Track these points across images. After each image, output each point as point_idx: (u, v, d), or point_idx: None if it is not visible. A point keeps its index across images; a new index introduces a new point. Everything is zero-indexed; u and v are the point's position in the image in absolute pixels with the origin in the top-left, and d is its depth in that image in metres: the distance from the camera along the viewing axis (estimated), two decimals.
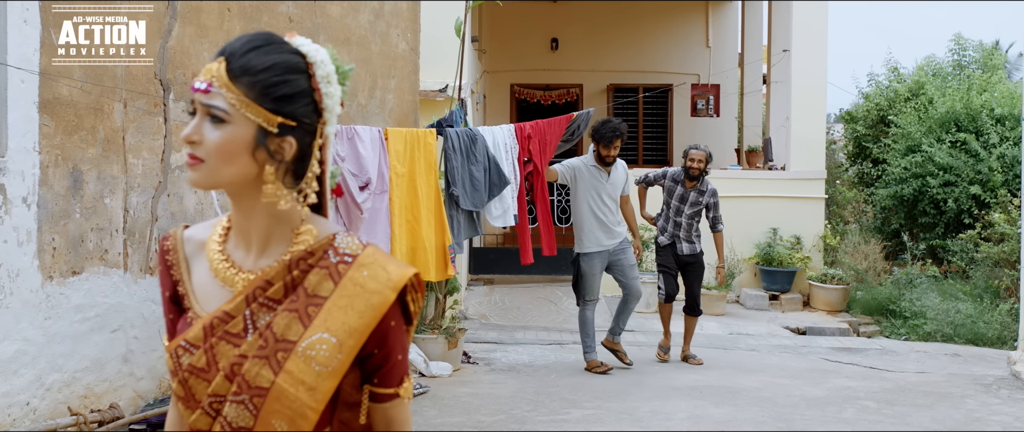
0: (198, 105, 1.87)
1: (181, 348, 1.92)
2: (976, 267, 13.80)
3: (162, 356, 6.74)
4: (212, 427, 1.89)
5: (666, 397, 8.40)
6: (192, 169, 1.87)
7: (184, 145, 1.88)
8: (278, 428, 1.87)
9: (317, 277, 1.92)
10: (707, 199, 9.78)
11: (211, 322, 1.91)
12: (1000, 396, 8.67)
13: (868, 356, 10.89)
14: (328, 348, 1.87)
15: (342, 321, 1.89)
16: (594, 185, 9.19)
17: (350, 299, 1.90)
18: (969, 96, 16.43)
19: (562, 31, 20.10)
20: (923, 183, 15.69)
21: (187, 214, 7.00)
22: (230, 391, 1.87)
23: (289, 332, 1.88)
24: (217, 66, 1.87)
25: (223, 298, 1.95)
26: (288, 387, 1.86)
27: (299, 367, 1.87)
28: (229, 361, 1.88)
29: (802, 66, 15.04)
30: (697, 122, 20.02)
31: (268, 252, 1.97)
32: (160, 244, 2.09)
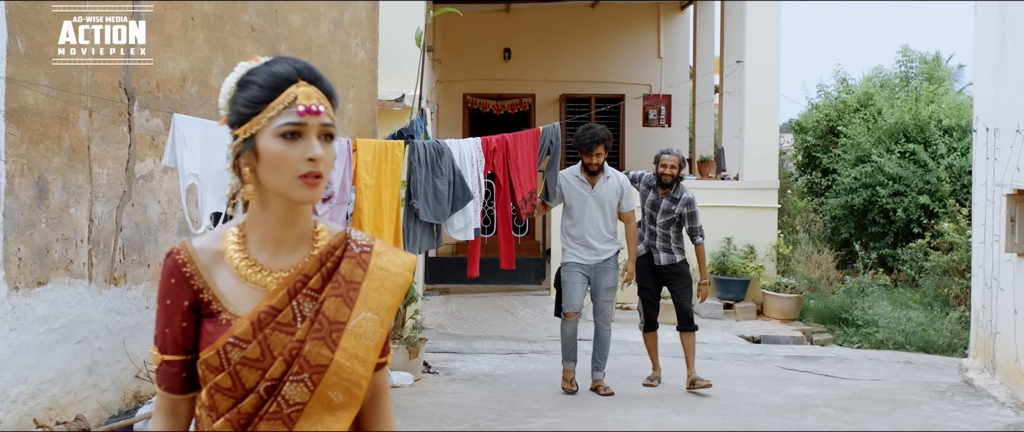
0: (313, 125, 2.13)
1: (230, 344, 2.13)
2: (926, 276, 14.00)
3: (126, 367, 6.69)
4: (261, 407, 2.15)
5: (628, 406, 8.45)
6: (314, 187, 2.13)
7: (305, 164, 2.10)
8: (334, 398, 2.18)
9: (348, 266, 2.24)
10: (681, 209, 9.01)
11: (258, 317, 2.15)
12: (955, 403, 8.81)
13: (823, 364, 11.01)
14: (372, 324, 2.21)
15: (379, 301, 2.24)
16: (576, 197, 8.73)
17: (381, 282, 2.25)
18: (917, 107, 16.68)
19: (515, 41, 20.13)
20: (873, 193, 15.89)
21: (151, 224, 6.95)
22: (288, 373, 2.14)
23: (339, 315, 2.19)
24: (315, 90, 2.16)
25: (255, 297, 2.19)
26: (345, 361, 2.17)
27: (352, 343, 2.19)
28: (285, 347, 2.14)
29: (755, 77, 15.19)
30: (649, 132, 20.11)
31: (295, 251, 2.24)
32: (171, 258, 2.22)
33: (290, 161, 2.11)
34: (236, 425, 2.16)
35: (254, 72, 2.19)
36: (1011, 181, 8.68)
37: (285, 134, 2.12)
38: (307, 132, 2.12)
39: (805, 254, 15.32)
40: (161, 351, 2.24)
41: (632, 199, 8.93)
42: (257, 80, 2.16)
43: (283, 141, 2.12)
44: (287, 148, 2.11)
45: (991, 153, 9.49)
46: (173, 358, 2.23)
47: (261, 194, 2.20)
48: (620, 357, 10.88)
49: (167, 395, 2.26)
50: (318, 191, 2.14)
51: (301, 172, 2.11)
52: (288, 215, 2.21)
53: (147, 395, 6.86)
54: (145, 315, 6.93)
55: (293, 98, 2.13)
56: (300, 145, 2.12)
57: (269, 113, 2.14)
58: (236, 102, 2.19)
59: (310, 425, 2.18)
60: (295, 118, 2.11)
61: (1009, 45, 9.23)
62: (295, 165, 2.11)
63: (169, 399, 2.26)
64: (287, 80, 2.15)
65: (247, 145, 2.16)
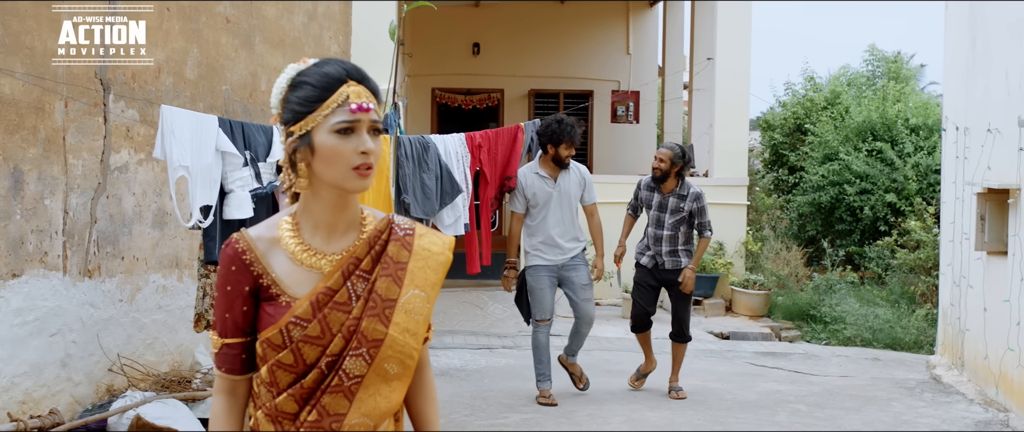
0: (364, 122, 2.34)
1: (292, 323, 2.34)
2: (892, 273, 14.11)
3: (100, 361, 6.64)
4: (322, 382, 2.36)
5: (602, 401, 8.46)
6: (366, 177, 2.34)
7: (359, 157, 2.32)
8: (390, 370, 2.40)
9: (395, 248, 2.45)
10: (690, 205, 8.55)
11: (317, 298, 2.36)
12: (924, 399, 8.89)
13: (792, 360, 11.08)
14: (420, 301, 2.44)
15: (424, 278, 2.46)
16: (541, 195, 8.25)
17: (425, 261, 2.47)
18: (884, 106, 16.79)
19: (484, 35, 20.09)
20: (840, 191, 15.98)
21: (126, 216, 6.89)
22: (347, 348, 2.36)
23: (390, 293, 2.40)
24: (364, 90, 2.37)
25: (311, 279, 2.40)
26: (397, 335, 2.39)
27: (403, 318, 2.41)
28: (343, 324, 2.36)
29: (726, 74, 15.23)
30: (617, 128, 20.15)
31: (345, 236, 2.45)
32: (230, 247, 2.41)
33: (345, 155, 2.32)
34: (299, 399, 2.37)
35: (305, 73, 2.38)
36: (982, 180, 8.76)
37: (340, 130, 2.33)
38: (359, 128, 2.34)
39: (774, 251, 15.38)
40: (222, 335, 2.43)
41: (595, 191, 8.58)
42: (310, 81, 2.35)
43: (338, 137, 2.33)
44: (342, 143, 2.32)
45: (961, 152, 9.57)
46: (233, 341, 2.43)
47: (315, 185, 2.40)
48: (591, 352, 10.88)
49: (227, 376, 2.46)
50: (369, 181, 2.36)
51: (355, 164, 2.33)
52: (340, 203, 2.41)
53: (120, 389, 6.81)
54: (119, 308, 6.88)
55: (346, 97, 2.34)
56: (353, 140, 2.33)
57: (324, 111, 2.33)
58: (289, 101, 2.38)
59: (368, 396, 2.40)
60: (349, 116, 2.33)
61: (980, 45, 9.31)
62: (349, 158, 2.33)
63: (229, 380, 2.46)
64: (338, 80, 2.35)
65: (303, 141, 2.35)
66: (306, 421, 2.37)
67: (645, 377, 9.00)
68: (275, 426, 2.40)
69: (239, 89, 8.35)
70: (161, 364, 7.37)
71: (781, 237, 16.76)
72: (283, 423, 2.39)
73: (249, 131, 6.54)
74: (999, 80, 8.64)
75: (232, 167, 6.35)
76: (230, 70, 8.19)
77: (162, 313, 7.43)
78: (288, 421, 2.39)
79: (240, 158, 6.38)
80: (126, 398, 6.45)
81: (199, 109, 7.56)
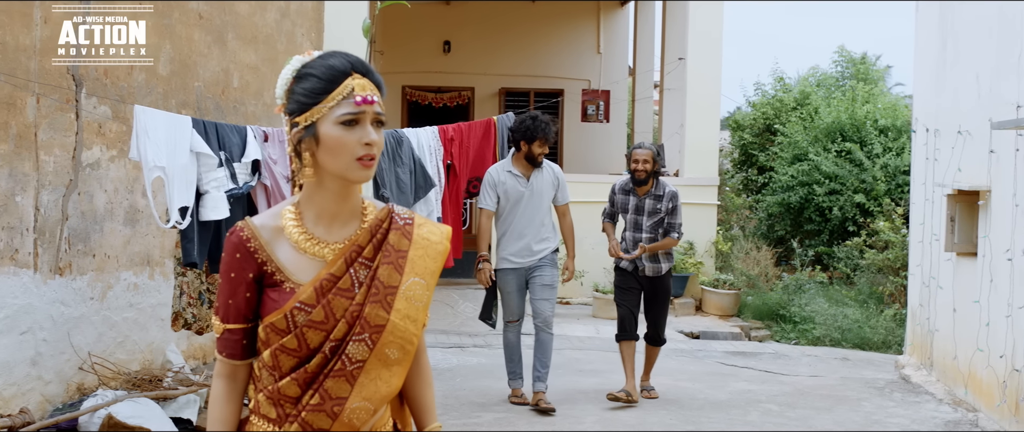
0: (369, 114, 2.40)
1: (297, 309, 2.40)
2: (861, 273, 14.20)
3: (70, 359, 6.57)
4: (326, 366, 2.42)
5: (574, 400, 8.45)
6: (369, 167, 2.40)
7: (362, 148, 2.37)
8: (391, 355, 2.47)
9: (396, 236, 2.53)
10: (666, 204, 8.31)
11: (321, 284, 2.42)
12: (894, 399, 8.94)
13: (762, 360, 11.12)
14: (420, 288, 2.51)
15: (424, 266, 2.53)
16: (512, 194, 8.01)
17: (424, 250, 2.55)
18: (853, 107, 16.90)
19: (454, 33, 20.07)
20: (809, 191, 16.08)
21: (97, 214, 6.83)
22: (350, 333, 2.42)
23: (391, 280, 2.47)
24: (368, 82, 2.42)
25: (314, 267, 2.46)
26: (399, 321, 2.46)
27: (404, 305, 2.47)
28: (346, 310, 2.42)
29: (698, 74, 15.27)
30: (587, 128, 20.18)
31: (347, 225, 2.51)
32: (235, 235, 2.46)
33: (349, 145, 2.38)
34: (302, 383, 2.43)
35: (311, 65, 2.43)
36: (952, 181, 8.82)
37: (345, 122, 2.38)
38: (363, 120, 2.40)
39: (744, 251, 15.45)
40: (223, 320, 2.49)
41: (568, 191, 8.34)
42: (315, 73, 2.41)
43: (343, 128, 2.38)
44: (346, 134, 2.38)
45: (931, 153, 9.63)
46: (235, 326, 2.49)
47: (319, 175, 2.45)
48: (562, 352, 10.88)
49: (228, 361, 2.51)
50: (372, 171, 2.42)
51: (358, 155, 2.39)
52: (343, 192, 2.48)
53: (91, 388, 6.74)
54: (90, 306, 6.81)
55: (351, 89, 2.39)
56: (357, 131, 2.39)
57: (329, 103, 2.39)
58: (295, 93, 2.43)
59: (369, 380, 2.46)
60: (354, 108, 2.38)
61: (950, 47, 9.37)
62: (353, 149, 2.38)
63: (230, 365, 2.52)
64: (343, 73, 2.40)
65: (308, 132, 2.41)
66: (309, 404, 2.43)
67: (628, 394, 8.24)
68: (277, 409, 2.46)
69: (211, 86, 8.30)
70: (132, 362, 7.31)
71: (750, 237, 16.84)
72: (284, 406, 2.45)
73: (223, 132, 6.49)
74: (969, 82, 8.70)
75: (207, 168, 6.30)
76: (203, 67, 8.14)
77: (133, 311, 7.36)
78: (289, 404, 2.45)
79: (215, 159, 6.33)
80: (97, 397, 6.39)
81: (171, 106, 7.51)
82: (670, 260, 8.53)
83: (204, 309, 7.02)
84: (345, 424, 2.46)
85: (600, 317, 13.58)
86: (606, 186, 13.71)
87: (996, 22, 8.16)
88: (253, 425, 2.51)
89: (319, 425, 2.44)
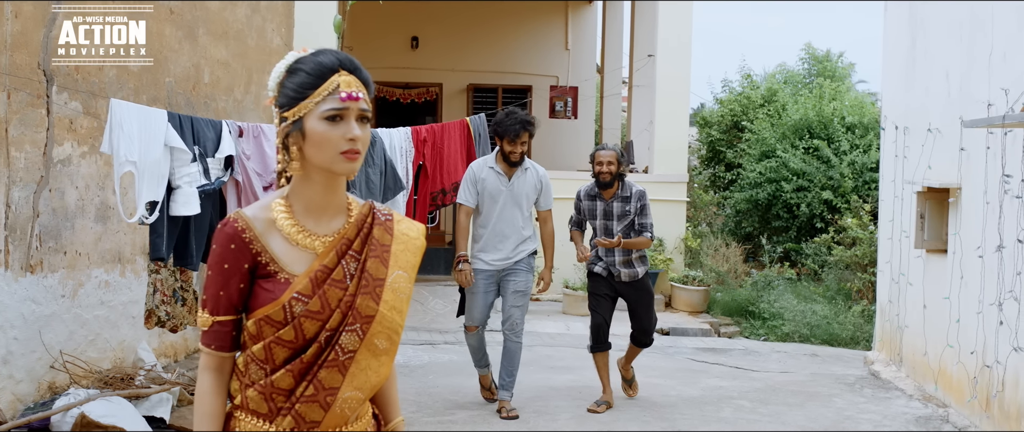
0: (353, 110, 2.46)
1: (294, 299, 2.46)
2: (829, 270, 14.28)
3: (41, 358, 6.50)
4: (321, 356, 2.49)
5: (548, 398, 8.45)
6: (353, 161, 2.46)
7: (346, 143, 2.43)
8: (379, 345, 2.55)
9: (379, 231, 2.62)
10: (635, 205, 7.95)
11: (316, 275, 2.49)
12: (865, 395, 9.00)
13: (732, 356, 11.15)
14: (404, 281, 2.61)
15: (406, 260, 2.64)
16: (491, 192, 7.70)
17: (404, 245, 2.65)
18: (821, 104, 17.00)
19: (422, 29, 20.01)
20: (777, 188, 16.15)
21: (68, 210, 6.76)
22: (344, 323, 2.50)
23: (378, 272, 2.56)
24: (355, 79, 2.50)
25: (305, 258, 2.52)
26: (387, 312, 2.55)
27: (391, 296, 2.56)
28: (339, 300, 2.50)
29: (667, 71, 15.29)
30: (555, 124, 20.19)
31: (335, 219, 2.59)
32: (230, 226, 2.49)
33: (333, 140, 2.44)
34: (297, 374, 2.49)
35: (302, 61, 2.49)
36: (922, 179, 8.88)
37: (330, 117, 2.45)
38: (348, 115, 2.46)
39: (713, 248, 15.50)
40: (213, 313, 2.51)
41: (551, 197, 8.04)
42: (305, 68, 2.48)
43: (328, 123, 2.45)
44: (331, 129, 2.44)
45: (900, 151, 9.70)
46: (225, 318, 2.52)
47: (306, 168, 2.52)
48: (533, 348, 10.89)
49: (216, 354, 2.54)
50: (356, 165, 2.48)
51: (342, 149, 2.45)
52: (330, 185, 2.54)
53: (62, 387, 6.67)
54: (61, 304, 6.74)
55: (336, 86, 2.46)
56: (341, 126, 2.45)
57: (316, 99, 2.46)
58: (285, 87, 2.50)
59: (360, 370, 2.54)
60: (338, 104, 2.45)
61: (920, 45, 9.44)
62: (337, 143, 2.44)
63: (218, 357, 2.54)
64: (331, 69, 2.47)
65: (296, 126, 2.48)
66: (303, 396, 2.49)
67: (605, 404, 8.10)
68: (268, 403, 2.50)
69: (182, 81, 8.23)
70: (103, 361, 7.23)
71: (718, 233, 16.90)
72: (276, 399, 2.50)
73: (198, 126, 6.44)
74: (939, 80, 8.77)
75: (180, 163, 6.24)
76: (173, 62, 8.06)
77: (104, 309, 7.29)
78: (282, 397, 2.50)
79: (189, 154, 6.27)
80: (69, 396, 6.32)
81: (143, 101, 7.43)
82: (645, 263, 8.15)
83: (178, 307, 6.96)
84: (336, 415, 2.53)
85: (570, 314, 13.59)
86: (575, 182, 13.80)
87: (967, 21, 8.22)
88: (241, 422, 2.53)
89: (312, 417, 2.50)
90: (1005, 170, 6.98)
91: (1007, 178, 6.92)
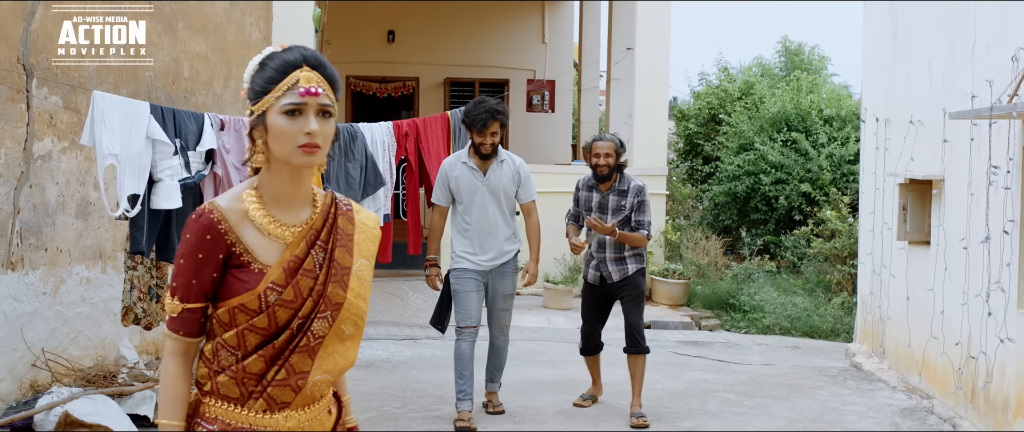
0: (312, 105, 2.55)
1: (270, 289, 2.55)
2: (808, 262, 14.31)
3: (23, 356, 6.42)
4: (292, 342, 2.58)
5: (533, 392, 8.43)
6: (310, 154, 2.55)
7: (304, 136, 2.52)
8: (346, 330, 2.67)
9: (343, 221, 2.72)
10: (632, 200, 7.50)
11: (289, 265, 2.59)
12: (848, 387, 9.01)
13: (714, 349, 11.16)
14: (367, 269, 2.72)
15: (367, 249, 2.75)
16: (466, 187, 7.27)
17: (365, 234, 2.76)
18: (798, 97, 17.03)
19: (399, 23, 19.92)
20: (756, 180, 16.17)
21: (49, 207, 6.67)
22: (315, 311, 2.60)
23: (345, 261, 2.67)
24: (316, 75, 2.58)
25: (276, 249, 2.61)
26: (353, 299, 2.66)
27: (356, 284, 2.67)
28: (310, 289, 2.59)
29: (646, 64, 15.26)
30: (533, 117, 20.15)
31: (302, 210, 2.67)
32: (205, 216, 2.55)
33: (291, 134, 2.53)
34: (268, 359, 2.58)
35: (271, 57, 2.58)
36: (904, 170, 8.89)
37: (288, 112, 2.54)
38: (306, 110, 2.55)
39: (693, 241, 15.50)
40: (183, 300, 2.57)
41: (532, 187, 7.54)
42: (271, 64, 2.57)
43: (286, 117, 2.54)
44: (289, 123, 2.54)
45: (881, 143, 9.71)
46: (196, 306, 2.58)
47: (270, 161, 2.61)
48: (516, 343, 10.83)
49: (183, 339, 2.60)
50: (315, 158, 2.56)
51: (300, 143, 2.54)
52: (294, 177, 2.63)
53: (44, 385, 6.59)
54: (43, 301, 6.65)
55: (296, 81, 2.54)
56: (300, 121, 2.54)
57: (277, 93, 2.55)
58: (255, 81, 2.59)
59: (327, 354, 2.65)
60: (296, 99, 2.54)
61: (902, 36, 9.45)
62: (295, 137, 2.53)
63: (185, 343, 2.60)
64: (294, 65, 2.56)
65: (260, 120, 2.58)
66: (275, 379, 2.58)
67: (591, 399, 8.06)
68: (240, 388, 2.59)
69: (162, 75, 8.14)
70: (85, 358, 7.15)
71: (696, 226, 16.91)
72: (248, 384, 2.59)
73: (181, 118, 6.36)
74: (921, 72, 8.77)
75: (162, 156, 6.16)
76: (153, 55, 7.97)
77: (86, 306, 7.21)
78: (253, 381, 2.59)
79: (171, 146, 6.19)
80: (52, 394, 6.24)
81: (123, 95, 7.34)
82: (640, 261, 7.64)
83: (154, 304, 6.88)
84: (306, 396, 2.63)
85: (551, 308, 13.56)
86: (552, 177, 13.77)
87: (950, 13, 8.22)
88: (211, 407, 2.61)
89: (283, 399, 2.60)
90: (992, 162, 6.98)
91: (994, 169, 6.92)
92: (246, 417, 2.59)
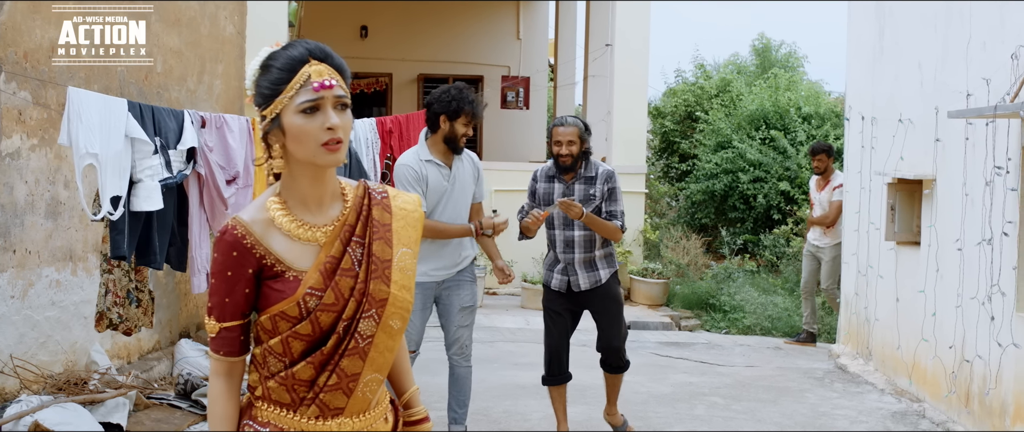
0: (328, 98, 2.45)
1: (309, 295, 2.47)
2: (787, 262, 14.18)
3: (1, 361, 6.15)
4: (340, 345, 2.50)
5: (516, 396, 8.25)
6: (335, 151, 2.45)
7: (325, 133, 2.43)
8: (393, 326, 2.56)
9: (378, 211, 2.61)
10: (601, 187, 6.44)
11: (325, 267, 2.50)
12: (835, 389, 8.87)
13: (696, 350, 11.01)
14: (409, 257, 2.61)
15: (408, 236, 2.63)
16: (435, 187, 6.18)
17: (404, 221, 2.64)
18: (776, 95, 16.92)
19: (372, 19, 19.71)
20: (734, 179, 16.05)
21: (17, 207, 6.41)
22: (359, 311, 2.51)
23: (384, 254, 2.56)
24: (326, 67, 2.47)
25: (309, 251, 2.52)
26: (397, 292, 2.56)
27: (399, 276, 2.57)
28: (353, 289, 2.51)
29: (625, 61, 15.12)
30: (507, 114, 19.99)
31: (332, 207, 2.58)
32: (229, 234, 2.47)
33: (312, 132, 2.43)
34: (317, 365, 2.50)
35: (273, 57, 2.48)
36: (893, 170, 8.74)
37: (305, 110, 2.44)
38: (324, 105, 2.45)
39: (673, 240, 15.36)
40: (220, 320, 2.51)
41: (484, 186, 6.60)
42: (276, 64, 2.46)
43: (304, 116, 2.44)
44: (308, 121, 2.43)
45: (867, 142, 9.57)
46: (232, 324, 2.52)
47: (291, 163, 2.51)
48: (494, 344, 10.69)
49: (225, 359, 2.54)
50: (340, 154, 2.47)
51: (323, 140, 2.44)
52: (318, 177, 2.54)
53: (12, 393, 6.33)
54: (10, 305, 6.38)
55: (308, 76, 2.44)
56: (318, 117, 2.44)
57: (289, 93, 2.44)
58: (260, 85, 2.49)
59: (378, 353, 2.56)
60: (312, 95, 2.43)
61: (889, 34, 9.31)
62: (317, 135, 2.43)
63: (227, 362, 2.55)
64: (301, 61, 2.45)
65: (274, 123, 2.47)
66: (326, 385, 2.51)
67: None
68: (291, 394, 2.52)
69: (134, 70, 7.87)
70: (55, 364, 6.88)
71: (672, 225, 16.78)
72: (298, 390, 2.52)
73: (159, 116, 6.12)
74: (911, 70, 8.63)
75: (141, 155, 5.92)
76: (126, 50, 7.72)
77: (56, 310, 6.94)
78: (304, 387, 2.52)
79: (150, 145, 5.95)
80: (20, 402, 5.98)
81: (94, 91, 7.08)
82: (612, 263, 6.68)
83: (132, 308, 6.64)
84: (359, 399, 2.56)
85: (529, 308, 13.38)
86: (526, 174, 13.48)
87: (942, 10, 8.07)
88: (264, 412, 2.55)
89: (336, 404, 2.53)
90: (995, 162, 6.81)
91: (998, 170, 6.76)
92: (298, 423, 2.53)
